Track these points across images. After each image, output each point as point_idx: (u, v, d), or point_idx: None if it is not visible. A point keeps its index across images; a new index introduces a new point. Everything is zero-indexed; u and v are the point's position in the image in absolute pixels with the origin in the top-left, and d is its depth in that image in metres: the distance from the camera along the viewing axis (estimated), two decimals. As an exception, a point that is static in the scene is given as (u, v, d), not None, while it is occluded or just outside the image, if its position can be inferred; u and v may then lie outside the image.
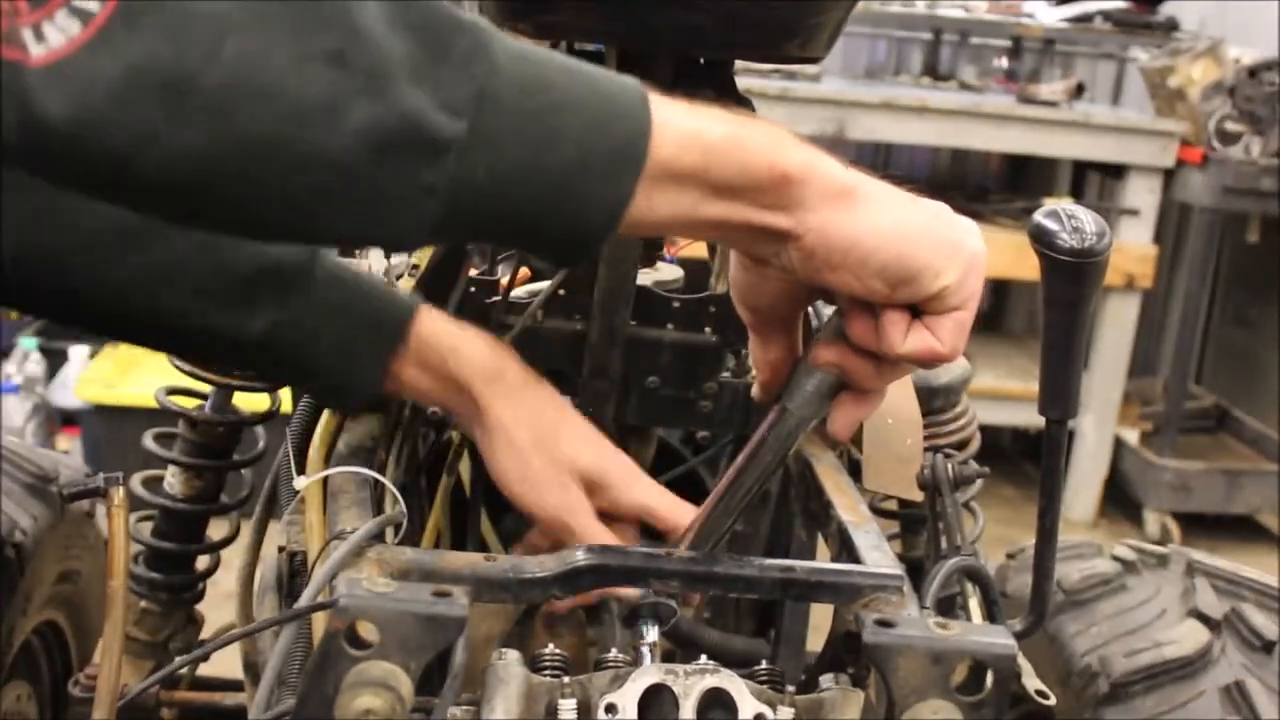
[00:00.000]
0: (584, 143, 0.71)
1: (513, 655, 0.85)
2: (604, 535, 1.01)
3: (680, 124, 0.74)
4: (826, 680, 0.89)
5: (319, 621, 0.91)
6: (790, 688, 0.87)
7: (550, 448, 1.03)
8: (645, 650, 0.94)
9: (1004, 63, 5.02)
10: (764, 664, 0.91)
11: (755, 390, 0.91)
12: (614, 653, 0.90)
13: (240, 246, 1.00)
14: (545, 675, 0.86)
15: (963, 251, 0.80)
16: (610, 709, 0.82)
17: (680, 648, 1.17)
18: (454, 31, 0.68)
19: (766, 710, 0.83)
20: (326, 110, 0.65)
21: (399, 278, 1.28)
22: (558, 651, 0.90)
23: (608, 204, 0.73)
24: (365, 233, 0.74)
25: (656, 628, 0.97)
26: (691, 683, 0.83)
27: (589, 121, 0.71)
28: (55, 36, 0.59)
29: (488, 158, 0.69)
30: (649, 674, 0.84)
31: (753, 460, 0.89)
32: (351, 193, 0.68)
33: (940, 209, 0.82)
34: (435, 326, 1.06)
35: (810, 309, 0.91)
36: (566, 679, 0.85)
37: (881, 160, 5.09)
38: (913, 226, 0.79)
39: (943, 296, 0.79)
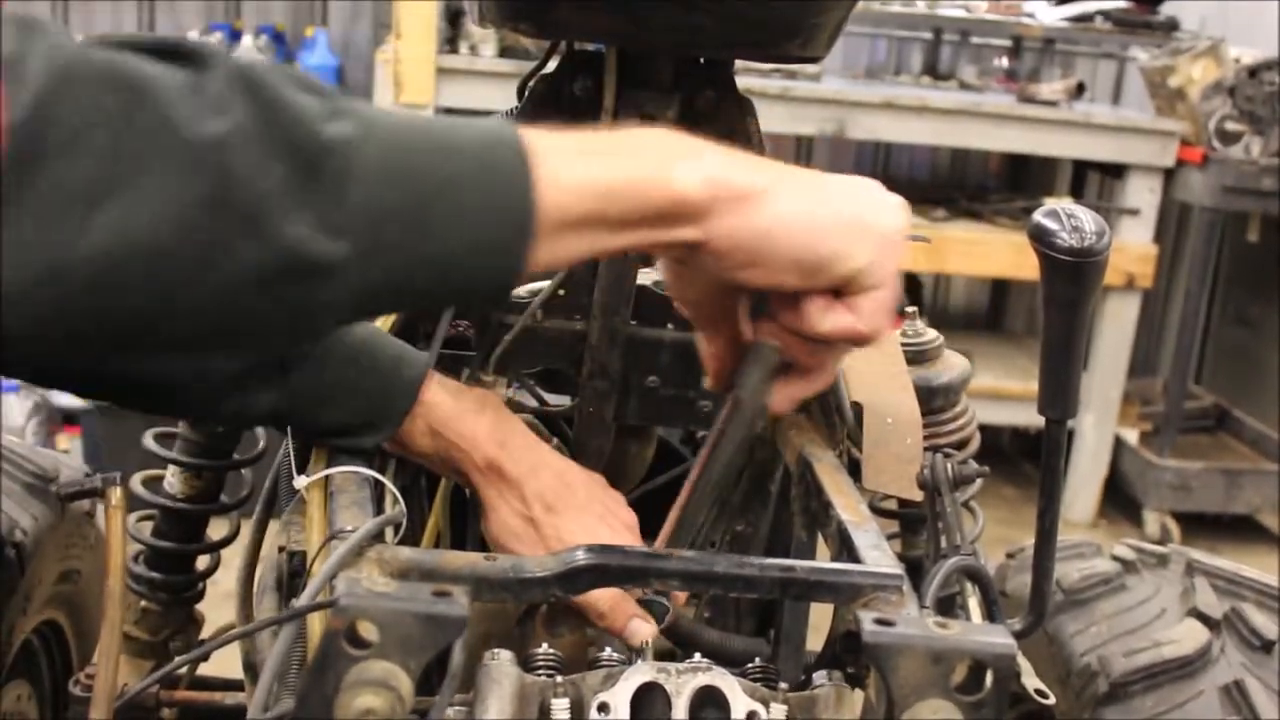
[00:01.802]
0: (468, 228, 0.72)
1: (505, 655, 0.85)
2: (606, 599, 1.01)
3: (569, 174, 0.75)
4: (819, 677, 0.89)
5: (318, 621, 0.91)
6: (783, 685, 0.87)
7: (547, 534, 1.06)
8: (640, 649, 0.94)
9: (1004, 62, 5.02)
10: (757, 661, 0.91)
11: (707, 381, 0.92)
12: (608, 651, 0.90)
13: None
14: (538, 675, 0.86)
15: (873, 233, 0.81)
16: (603, 708, 0.82)
17: (680, 648, 1.17)
18: (321, 154, 0.68)
19: (759, 708, 0.83)
20: (207, 258, 0.65)
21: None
22: (551, 651, 0.90)
23: (502, 277, 0.75)
24: (277, 348, 0.84)
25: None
26: (684, 681, 0.83)
27: (470, 203, 0.72)
28: None
29: (380, 264, 0.71)
30: (641, 673, 0.84)
31: (715, 452, 0.90)
32: (251, 324, 0.71)
33: (855, 190, 0.83)
34: (441, 409, 1.06)
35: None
36: (559, 678, 0.85)
37: (882, 160, 5.10)
38: (819, 215, 0.80)
39: (857, 278, 0.81)
